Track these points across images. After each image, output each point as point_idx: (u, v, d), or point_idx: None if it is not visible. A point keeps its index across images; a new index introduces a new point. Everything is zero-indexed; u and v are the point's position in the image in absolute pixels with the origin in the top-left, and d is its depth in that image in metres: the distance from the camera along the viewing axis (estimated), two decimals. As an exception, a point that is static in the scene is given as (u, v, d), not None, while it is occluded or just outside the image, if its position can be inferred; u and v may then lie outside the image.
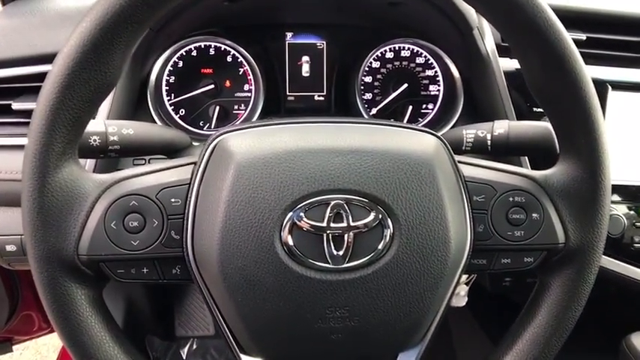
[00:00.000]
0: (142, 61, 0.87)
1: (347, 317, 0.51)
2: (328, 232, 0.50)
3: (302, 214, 0.49)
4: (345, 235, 0.50)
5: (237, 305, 0.51)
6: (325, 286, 0.50)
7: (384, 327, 0.52)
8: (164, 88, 0.92)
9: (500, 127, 0.67)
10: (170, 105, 0.92)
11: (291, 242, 0.49)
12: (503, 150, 0.67)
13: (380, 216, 0.50)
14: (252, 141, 0.52)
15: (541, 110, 0.86)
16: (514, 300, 1.14)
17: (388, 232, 0.50)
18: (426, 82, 0.98)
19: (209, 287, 0.52)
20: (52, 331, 1.38)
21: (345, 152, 0.51)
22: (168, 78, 0.92)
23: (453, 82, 0.96)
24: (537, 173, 0.57)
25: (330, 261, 0.50)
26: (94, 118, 0.55)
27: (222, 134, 0.53)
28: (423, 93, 0.98)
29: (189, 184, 0.53)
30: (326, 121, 0.56)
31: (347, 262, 0.50)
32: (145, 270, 0.53)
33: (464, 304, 0.95)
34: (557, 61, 0.50)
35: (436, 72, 0.97)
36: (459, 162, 0.56)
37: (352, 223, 0.50)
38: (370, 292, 0.51)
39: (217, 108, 0.93)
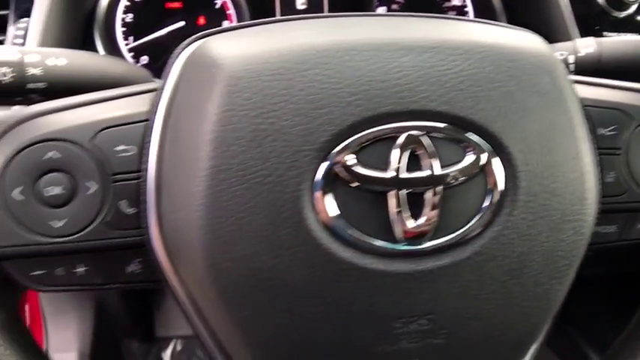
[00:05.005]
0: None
1: (429, 331, 0.32)
2: (399, 188, 0.29)
3: (351, 157, 0.29)
4: (428, 194, 0.29)
5: (239, 322, 0.31)
6: (394, 282, 0.30)
7: (488, 343, 0.32)
8: (120, 29, 0.76)
9: (587, 45, 0.51)
10: (129, 51, 0.76)
11: (332, 210, 0.29)
12: (592, 75, 0.50)
13: (483, 157, 0.30)
14: (251, 40, 0.31)
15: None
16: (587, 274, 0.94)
17: (499, 186, 0.30)
18: (453, 13, 0.79)
19: (192, 292, 0.32)
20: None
21: (418, 48, 0.30)
22: (124, 16, 0.75)
23: (489, 8, 0.78)
24: None
25: (401, 239, 0.30)
26: None
27: (198, 38, 0.33)
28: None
29: (149, 120, 0.32)
30: (376, 14, 0.35)
31: (430, 240, 0.30)
32: (79, 269, 0.32)
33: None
34: None
35: (465, -2, 0.80)
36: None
37: (439, 171, 0.29)
38: (468, 289, 0.31)
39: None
